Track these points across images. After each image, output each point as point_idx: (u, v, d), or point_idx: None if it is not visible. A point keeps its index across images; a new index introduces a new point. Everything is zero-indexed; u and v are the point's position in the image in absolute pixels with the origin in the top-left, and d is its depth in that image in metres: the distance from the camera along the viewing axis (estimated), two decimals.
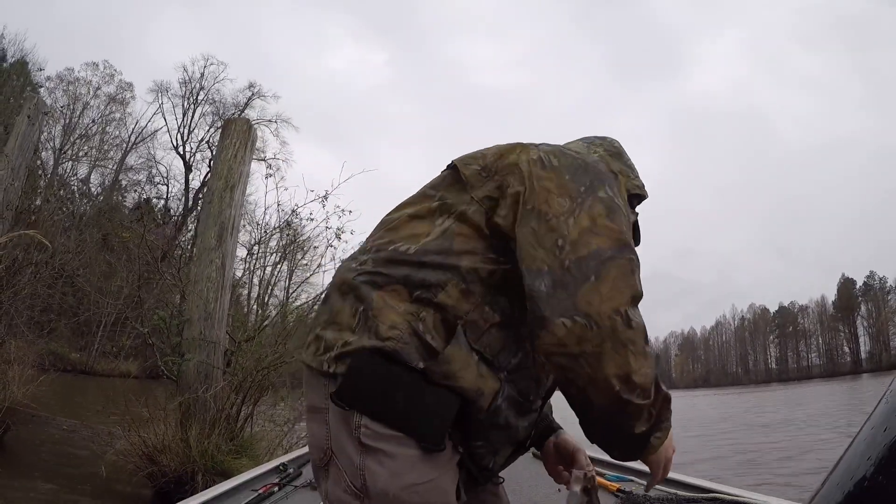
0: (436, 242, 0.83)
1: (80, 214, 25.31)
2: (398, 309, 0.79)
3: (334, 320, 0.84)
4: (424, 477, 0.77)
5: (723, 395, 43.20)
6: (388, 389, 0.77)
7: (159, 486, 4.64)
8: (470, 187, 0.86)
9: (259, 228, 8.39)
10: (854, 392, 28.64)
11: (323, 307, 0.90)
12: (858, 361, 72.54)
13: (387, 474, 0.76)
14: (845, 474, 0.49)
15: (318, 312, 0.91)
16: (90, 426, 6.26)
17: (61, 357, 16.83)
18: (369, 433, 0.77)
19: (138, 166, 31.50)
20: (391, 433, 0.77)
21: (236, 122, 6.23)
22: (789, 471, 7.51)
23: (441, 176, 0.94)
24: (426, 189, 0.93)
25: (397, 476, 0.76)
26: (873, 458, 0.47)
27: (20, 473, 4.80)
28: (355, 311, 0.82)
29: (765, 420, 17.03)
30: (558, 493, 2.03)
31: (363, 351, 0.78)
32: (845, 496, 0.48)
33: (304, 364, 0.87)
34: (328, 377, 0.81)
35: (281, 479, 2.36)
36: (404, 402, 0.77)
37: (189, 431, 4.74)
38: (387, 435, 0.77)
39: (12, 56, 25.67)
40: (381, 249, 0.86)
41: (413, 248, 0.83)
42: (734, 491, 1.93)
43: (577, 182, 0.81)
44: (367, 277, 0.83)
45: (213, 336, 5.29)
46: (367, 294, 0.82)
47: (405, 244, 0.85)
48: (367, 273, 0.84)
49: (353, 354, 0.79)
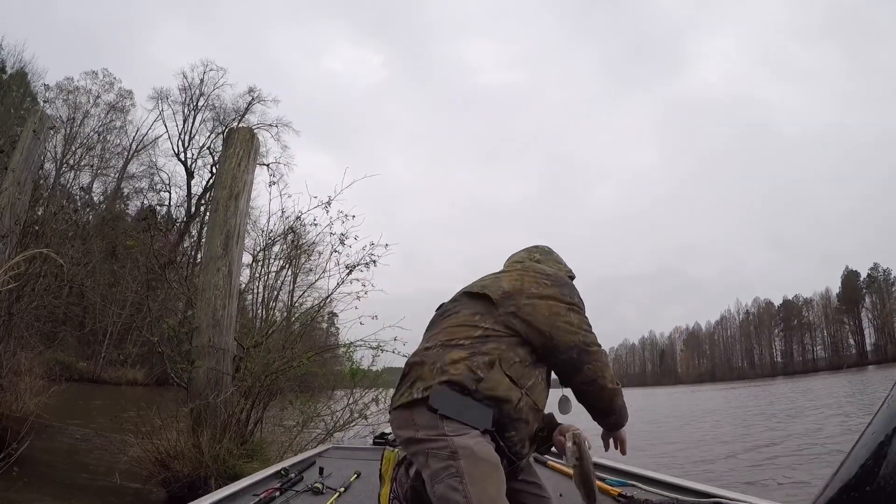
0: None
1: (84, 224, 25.41)
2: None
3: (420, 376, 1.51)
4: (484, 446, 1.37)
5: (731, 390, 43.10)
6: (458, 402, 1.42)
7: (173, 492, 4.70)
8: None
9: (263, 235, 8.43)
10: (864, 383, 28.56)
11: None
12: (864, 353, 72.19)
13: (466, 438, 1.35)
14: (848, 477, 0.50)
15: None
16: (103, 434, 6.32)
17: (68, 367, 16.90)
18: (452, 427, 1.37)
19: (140, 174, 31.64)
20: (461, 425, 1.38)
21: (239, 131, 6.27)
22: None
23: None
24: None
25: (472, 441, 1.36)
26: (875, 461, 0.48)
27: (36, 484, 4.85)
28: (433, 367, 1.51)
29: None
30: (560, 497, 2.07)
31: (441, 383, 1.44)
32: (849, 498, 0.49)
33: (395, 407, 1.52)
34: (421, 401, 1.44)
35: (282, 483, 2.39)
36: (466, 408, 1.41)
37: (201, 437, 4.79)
38: (459, 427, 1.38)
39: (11, 67, 25.74)
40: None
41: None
42: (735, 495, 1.94)
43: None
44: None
45: (222, 343, 5.34)
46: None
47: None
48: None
49: (433, 386, 1.44)
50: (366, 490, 2.43)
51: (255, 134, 6.29)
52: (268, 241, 8.07)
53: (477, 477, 1.31)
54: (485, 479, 1.32)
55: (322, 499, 2.26)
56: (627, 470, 2.50)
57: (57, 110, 27.38)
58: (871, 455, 0.49)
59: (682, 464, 8.16)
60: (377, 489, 1.98)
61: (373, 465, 2.82)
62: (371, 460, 3.07)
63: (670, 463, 8.15)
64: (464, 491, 1.28)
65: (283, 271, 9.40)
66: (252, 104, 32.69)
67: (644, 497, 2.10)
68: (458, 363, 1.46)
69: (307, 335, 7.95)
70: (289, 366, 5.81)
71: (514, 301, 1.56)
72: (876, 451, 0.48)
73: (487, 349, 1.49)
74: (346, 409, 6.33)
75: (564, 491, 2.24)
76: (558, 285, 1.62)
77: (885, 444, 0.48)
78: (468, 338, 1.52)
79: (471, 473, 1.31)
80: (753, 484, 6.20)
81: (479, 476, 1.31)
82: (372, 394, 6.43)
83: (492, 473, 1.34)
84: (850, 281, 77.16)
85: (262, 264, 8.65)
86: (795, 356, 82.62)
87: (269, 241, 8.07)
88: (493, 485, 1.33)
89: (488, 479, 1.32)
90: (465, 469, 1.31)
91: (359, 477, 2.69)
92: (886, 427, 0.49)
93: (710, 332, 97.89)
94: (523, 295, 1.57)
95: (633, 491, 2.19)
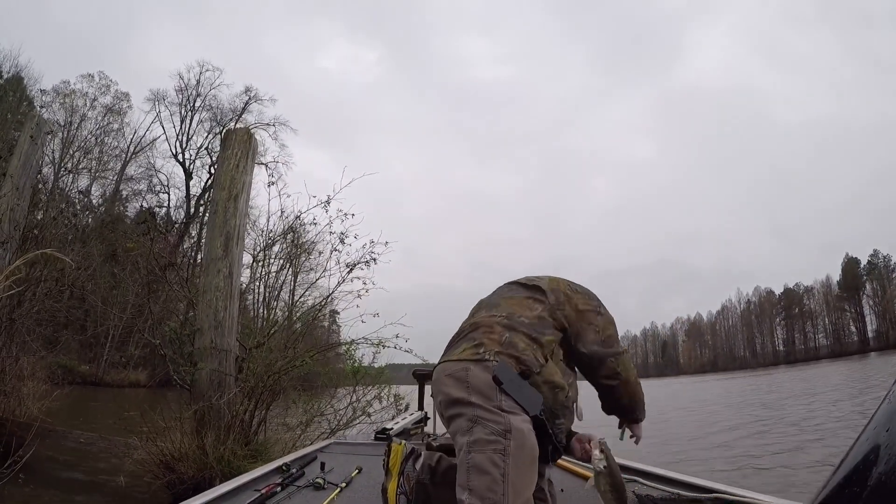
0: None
1: (83, 227, 25.39)
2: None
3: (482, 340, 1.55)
4: (533, 435, 1.39)
5: (732, 379, 43.22)
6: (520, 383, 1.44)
7: (178, 494, 4.71)
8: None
9: (263, 235, 8.42)
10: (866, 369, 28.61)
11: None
12: (866, 340, 72.30)
13: (519, 419, 1.37)
14: (848, 474, 0.50)
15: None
16: (106, 437, 6.33)
17: (71, 370, 16.94)
18: (508, 404, 1.39)
19: (138, 176, 31.61)
20: (515, 404, 1.40)
21: (236, 131, 6.26)
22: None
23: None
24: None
25: (525, 425, 1.38)
26: (876, 457, 0.48)
27: (41, 489, 4.86)
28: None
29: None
30: (561, 492, 2.09)
31: (510, 356, 1.49)
32: (849, 495, 0.49)
33: (451, 360, 1.53)
34: (483, 364, 1.46)
35: (284, 479, 2.38)
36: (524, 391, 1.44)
37: (205, 438, 4.80)
38: (514, 406, 1.39)
39: (7, 72, 25.68)
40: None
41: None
42: (737, 491, 1.95)
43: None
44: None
45: (224, 344, 5.35)
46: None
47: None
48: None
49: (500, 355, 1.48)
50: (367, 485, 2.44)
51: (253, 134, 6.28)
52: (268, 241, 8.07)
53: (520, 462, 1.34)
54: (525, 466, 1.35)
55: (323, 494, 2.25)
56: (628, 465, 2.50)
57: (54, 114, 27.35)
58: (872, 451, 0.49)
59: (684, 458, 8.18)
60: (379, 484, 1.98)
61: (374, 460, 2.84)
62: (372, 455, 3.07)
63: (670, 459, 8.16)
64: (504, 469, 1.31)
65: (283, 271, 9.40)
66: (249, 104, 32.71)
67: (645, 492, 2.10)
68: (525, 344, 1.52)
69: (309, 334, 7.95)
70: (291, 365, 5.81)
71: (556, 296, 1.69)
72: (877, 446, 0.48)
73: (546, 340, 1.57)
74: (349, 406, 6.35)
75: (566, 486, 2.26)
76: (588, 294, 1.76)
77: (887, 439, 0.48)
78: (529, 317, 1.60)
79: (515, 456, 1.33)
80: (754, 478, 6.22)
81: (522, 462, 1.34)
82: (374, 391, 6.45)
83: (532, 464, 1.38)
84: (850, 268, 77.15)
85: (263, 264, 8.65)
86: (797, 344, 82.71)
87: (269, 241, 8.07)
88: (529, 474, 1.37)
89: (528, 468, 1.36)
90: (512, 450, 1.33)
91: (360, 472, 2.69)
92: (888, 423, 0.49)
93: (712, 322, 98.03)
94: (561, 292, 1.71)
95: (635, 486, 2.19)
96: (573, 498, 2.16)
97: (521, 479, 1.33)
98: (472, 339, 1.55)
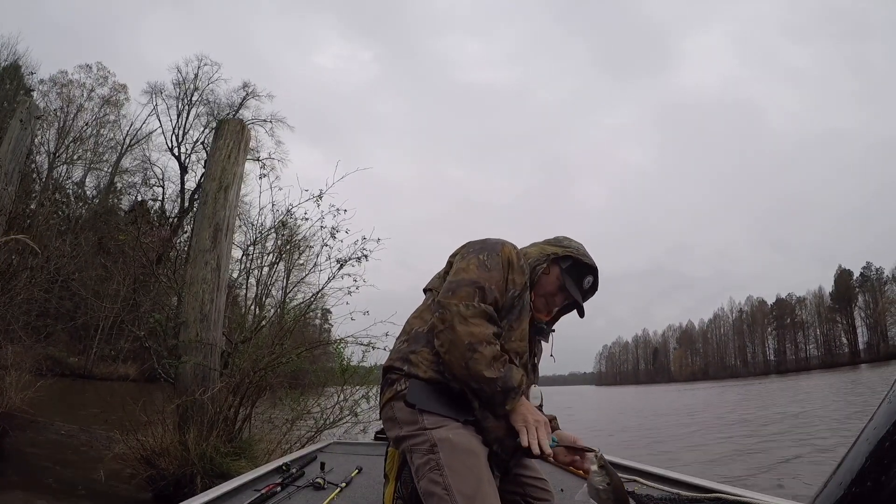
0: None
1: (76, 218, 25.19)
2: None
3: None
4: (462, 436, 1.35)
5: (723, 387, 43.32)
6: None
7: (158, 490, 4.62)
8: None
9: (254, 229, 8.34)
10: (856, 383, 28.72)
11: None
12: (857, 352, 72.88)
13: (444, 430, 1.34)
14: (848, 474, 0.49)
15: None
16: (88, 430, 6.23)
17: (59, 361, 16.78)
18: (431, 420, 1.36)
19: (133, 168, 31.36)
20: (440, 417, 1.37)
21: (229, 122, 6.19)
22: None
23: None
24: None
25: (451, 432, 1.35)
26: (876, 457, 0.47)
27: (18, 479, 4.77)
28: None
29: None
30: (561, 492, 2.06)
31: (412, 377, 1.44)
32: (848, 496, 0.48)
33: (388, 400, 1.47)
34: (398, 396, 1.43)
35: (283, 479, 2.40)
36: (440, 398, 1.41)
37: (187, 434, 4.72)
38: (439, 419, 1.37)
39: (5, 60, 25.50)
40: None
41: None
42: (737, 491, 1.95)
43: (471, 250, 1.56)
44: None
45: (210, 338, 5.26)
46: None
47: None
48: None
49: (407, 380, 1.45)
50: (367, 485, 2.47)
51: (246, 126, 6.20)
52: (258, 235, 7.99)
53: (457, 468, 1.29)
54: (465, 469, 1.30)
55: (323, 494, 2.28)
56: (628, 465, 2.52)
57: (50, 103, 27.12)
58: (872, 451, 0.48)
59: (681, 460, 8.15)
60: (378, 484, 2.00)
61: (374, 460, 2.87)
62: (372, 455, 3.11)
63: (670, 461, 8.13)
64: (444, 483, 1.28)
65: (274, 266, 9.32)
66: (246, 99, 32.50)
67: (645, 492, 2.09)
68: (420, 355, 1.45)
69: (298, 331, 7.86)
70: (278, 362, 5.73)
71: (446, 272, 1.59)
72: (877, 447, 0.48)
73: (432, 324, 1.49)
74: (337, 405, 6.27)
75: (567, 486, 2.27)
76: (468, 245, 1.59)
77: (886, 439, 0.47)
78: (426, 321, 1.49)
79: (451, 465, 1.29)
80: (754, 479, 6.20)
81: (460, 467, 1.29)
82: (362, 391, 6.37)
83: (472, 462, 1.32)
84: (843, 280, 77.75)
85: (253, 259, 8.56)
86: (788, 354, 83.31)
87: (259, 236, 7.99)
88: (473, 474, 1.30)
89: (469, 469, 1.30)
90: (444, 461, 1.30)
91: (360, 472, 2.72)
92: (887, 422, 0.49)
93: (704, 330, 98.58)
94: (449, 263, 1.60)
95: (634, 486, 2.18)
96: (573, 498, 2.12)
97: (467, 483, 1.28)
98: (388, 378, 1.51)
